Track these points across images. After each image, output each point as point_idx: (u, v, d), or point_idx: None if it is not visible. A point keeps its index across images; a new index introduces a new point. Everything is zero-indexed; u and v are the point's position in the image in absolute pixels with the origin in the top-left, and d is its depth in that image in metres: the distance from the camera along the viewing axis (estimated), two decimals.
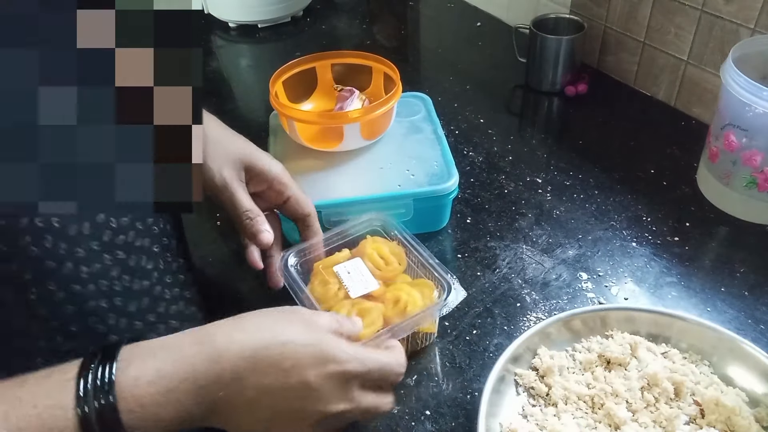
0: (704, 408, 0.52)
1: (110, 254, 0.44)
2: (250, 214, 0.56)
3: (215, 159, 0.55)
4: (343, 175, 0.73)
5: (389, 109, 0.74)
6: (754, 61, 0.72)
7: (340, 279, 0.57)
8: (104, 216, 0.43)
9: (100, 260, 0.43)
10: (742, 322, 0.62)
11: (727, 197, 0.74)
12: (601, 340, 0.59)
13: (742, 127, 0.68)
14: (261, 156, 0.58)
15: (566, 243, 0.73)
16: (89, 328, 0.44)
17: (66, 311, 0.42)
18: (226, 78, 1.15)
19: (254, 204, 0.57)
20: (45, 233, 0.39)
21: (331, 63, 0.84)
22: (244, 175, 0.57)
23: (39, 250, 0.39)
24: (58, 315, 0.42)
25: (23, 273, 0.39)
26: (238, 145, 0.58)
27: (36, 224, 0.38)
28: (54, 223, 0.39)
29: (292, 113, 0.74)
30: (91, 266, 0.43)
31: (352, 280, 0.57)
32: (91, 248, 0.42)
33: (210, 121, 0.59)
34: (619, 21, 0.96)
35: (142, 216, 0.47)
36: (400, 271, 0.60)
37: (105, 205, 0.41)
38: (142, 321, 0.48)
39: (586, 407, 0.54)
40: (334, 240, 0.62)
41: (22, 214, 0.37)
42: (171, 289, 0.51)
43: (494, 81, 1.06)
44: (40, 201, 0.35)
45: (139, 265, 0.47)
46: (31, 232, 0.38)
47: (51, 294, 0.41)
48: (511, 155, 0.88)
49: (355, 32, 1.25)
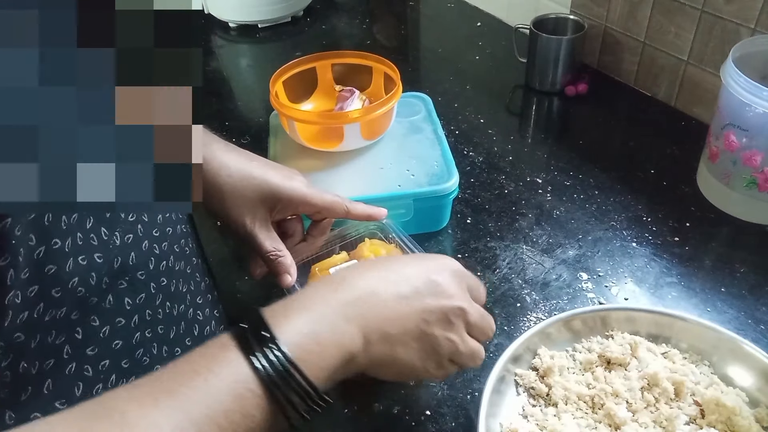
0: (704, 408, 0.52)
1: (155, 282, 0.44)
2: (270, 255, 0.56)
3: (234, 210, 0.55)
4: (343, 175, 0.73)
5: (389, 109, 0.74)
6: (754, 61, 0.72)
7: None
8: (148, 243, 0.43)
9: (145, 290, 0.43)
10: (742, 323, 0.62)
11: (727, 197, 0.74)
12: (601, 340, 0.59)
13: (742, 127, 0.68)
14: (280, 185, 0.56)
15: (566, 243, 0.73)
16: (138, 361, 0.43)
17: (114, 347, 0.42)
18: (226, 78, 1.15)
19: (277, 241, 0.57)
20: (90, 270, 0.39)
21: (331, 63, 0.84)
22: (267, 213, 0.56)
23: (85, 289, 0.39)
24: (108, 352, 0.41)
25: (71, 314, 0.38)
26: (254, 184, 0.55)
27: (80, 263, 0.38)
28: (96, 259, 0.39)
29: (293, 113, 0.74)
30: (136, 297, 0.43)
31: None
32: (136, 278, 0.42)
33: (219, 158, 0.55)
34: (619, 21, 0.96)
35: (178, 238, 0.47)
36: None
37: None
38: (181, 347, 0.48)
39: (586, 407, 0.54)
40: (333, 242, 0.62)
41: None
42: (203, 311, 0.51)
43: (494, 81, 1.06)
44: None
45: (178, 289, 0.47)
46: (78, 273, 0.38)
47: (95, 330, 0.40)
48: (511, 155, 0.87)
49: (355, 32, 1.25)
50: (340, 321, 0.39)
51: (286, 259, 0.56)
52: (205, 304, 0.52)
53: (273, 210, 0.57)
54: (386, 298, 0.41)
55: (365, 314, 0.40)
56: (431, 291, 0.43)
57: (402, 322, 0.41)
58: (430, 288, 0.43)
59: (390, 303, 0.41)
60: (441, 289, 0.44)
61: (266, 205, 0.56)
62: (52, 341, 0.38)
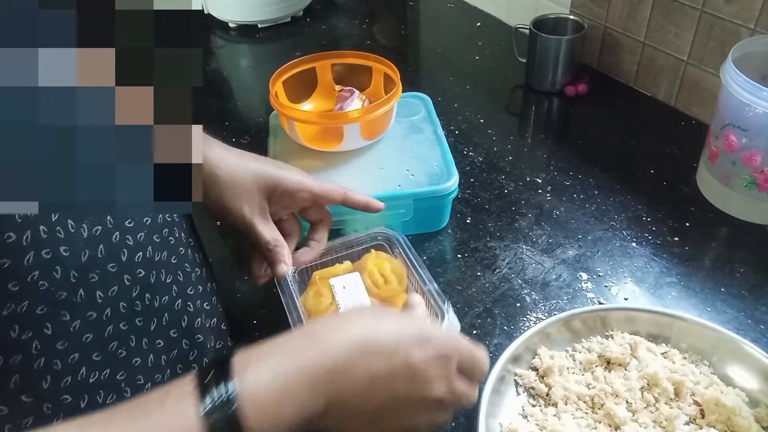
0: (704, 408, 0.52)
1: (130, 273, 0.43)
2: (269, 245, 0.56)
3: (233, 201, 0.55)
4: (343, 175, 0.73)
5: (389, 109, 0.74)
6: (754, 61, 0.72)
7: (333, 293, 0.57)
8: (119, 235, 0.42)
9: (118, 282, 0.43)
10: (742, 322, 0.62)
11: (727, 197, 0.74)
12: (601, 340, 0.59)
13: (742, 127, 0.68)
14: (276, 172, 0.57)
15: (566, 243, 0.73)
16: (112, 354, 0.43)
17: (85, 340, 0.41)
18: (226, 78, 1.15)
19: (276, 232, 0.57)
20: (54, 264, 0.38)
21: (331, 63, 0.84)
22: (265, 202, 0.57)
23: (48, 282, 0.38)
24: (78, 346, 0.41)
25: (35, 308, 0.38)
26: (251, 173, 0.56)
27: (42, 257, 0.37)
28: (62, 252, 0.38)
29: (292, 113, 0.74)
30: (109, 290, 0.42)
31: (346, 296, 0.56)
32: (107, 271, 0.42)
33: (217, 152, 0.56)
34: (619, 21, 0.96)
35: (159, 228, 0.47)
36: (399, 291, 0.58)
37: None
38: (164, 339, 0.47)
39: (586, 407, 0.54)
40: (338, 249, 0.62)
41: None
42: (194, 302, 0.51)
43: (494, 81, 1.06)
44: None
45: (159, 280, 0.46)
46: (38, 266, 0.37)
47: (66, 325, 0.40)
48: (511, 155, 0.88)
49: (355, 32, 1.25)
50: (304, 391, 0.37)
51: (282, 249, 0.56)
52: (197, 295, 0.51)
53: (271, 198, 0.57)
54: (359, 376, 0.39)
55: (332, 390, 0.38)
56: (407, 377, 0.40)
57: (368, 402, 0.39)
58: (406, 374, 0.40)
59: (361, 382, 0.39)
60: (419, 377, 0.40)
61: (264, 194, 0.56)
62: (17, 336, 0.37)
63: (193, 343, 0.50)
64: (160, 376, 0.47)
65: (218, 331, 0.55)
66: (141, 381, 0.45)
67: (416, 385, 0.40)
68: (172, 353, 0.48)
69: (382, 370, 0.39)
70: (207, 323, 0.53)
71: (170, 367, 0.48)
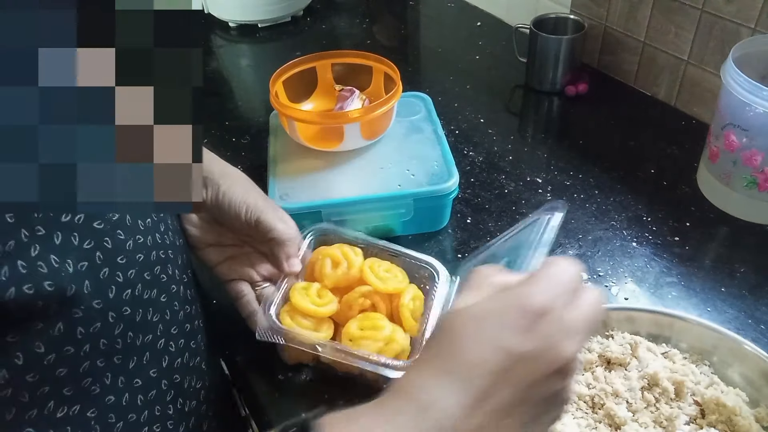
0: (704, 408, 0.52)
1: (115, 311, 0.42)
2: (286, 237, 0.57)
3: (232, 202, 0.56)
4: (343, 175, 0.73)
5: (389, 109, 0.74)
6: (754, 61, 0.72)
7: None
8: (108, 271, 0.41)
9: (101, 319, 0.41)
10: (743, 322, 0.62)
11: (727, 197, 0.74)
12: (601, 340, 0.59)
13: (742, 127, 0.68)
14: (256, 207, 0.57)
15: (566, 243, 0.73)
16: (85, 390, 0.41)
17: (58, 374, 0.39)
18: (226, 78, 1.15)
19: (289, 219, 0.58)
20: (36, 300, 0.36)
21: (331, 63, 0.84)
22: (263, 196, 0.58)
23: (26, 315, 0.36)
24: (50, 379, 0.39)
25: (5, 336, 0.36)
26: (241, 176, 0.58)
27: (25, 292, 0.35)
28: (47, 287, 0.36)
29: (293, 113, 0.74)
30: (91, 326, 0.40)
31: None
32: (91, 307, 0.40)
33: None
34: (619, 21, 0.96)
35: (151, 266, 0.45)
36: (404, 285, 0.58)
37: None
38: (142, 378, 0.46)
39: (586, 407, 0.54)
40: None
41: None
42: (176, 341, 0.49)
43: (494, 81, 1.06)
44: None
45: (145, 318, 0.45)
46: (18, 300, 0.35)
47: (39, 357, 0.38)
48: (511, 155, 0.87)
49: (355, 32, 1.25)
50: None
51: (248, 299, 0.58)
52: (181, 334, 0.50)
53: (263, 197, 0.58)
54: None
55: None
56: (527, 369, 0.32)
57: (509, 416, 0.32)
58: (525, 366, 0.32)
59: None
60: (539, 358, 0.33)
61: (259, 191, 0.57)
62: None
63: (171, 384, 0.49)
64: (134, 416, 0.45)
65: (199, 371, 0.53)
66: (112, 419, 0.44)
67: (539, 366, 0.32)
68: (150, 393, 0.46)
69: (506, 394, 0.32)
70: (190, 362, 0.51)
71: (147, 408, 0.46)
